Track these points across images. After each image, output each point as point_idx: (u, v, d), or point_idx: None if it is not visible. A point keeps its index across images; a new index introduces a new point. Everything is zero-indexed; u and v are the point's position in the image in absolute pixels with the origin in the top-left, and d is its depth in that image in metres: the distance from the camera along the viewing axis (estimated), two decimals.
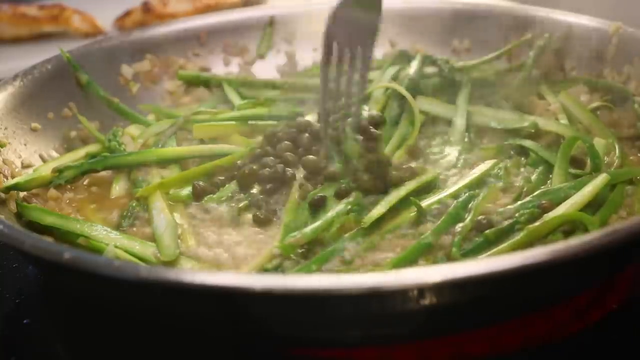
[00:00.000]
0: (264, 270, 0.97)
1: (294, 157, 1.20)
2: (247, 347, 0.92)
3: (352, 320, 0.81)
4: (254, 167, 1.17)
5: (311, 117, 1.33)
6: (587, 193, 1.04)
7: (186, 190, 1.15)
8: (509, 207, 1.05)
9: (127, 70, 1.48)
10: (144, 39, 1.53)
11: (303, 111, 1.36)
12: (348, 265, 0.97)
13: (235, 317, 0.83)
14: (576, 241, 0.80)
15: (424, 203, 1.06)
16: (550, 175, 1.12)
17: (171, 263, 1.01)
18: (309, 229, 1.01)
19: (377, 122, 1.26)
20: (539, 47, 1.42)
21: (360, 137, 1.22)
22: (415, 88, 1.36)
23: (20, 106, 1.27)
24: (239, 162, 1.21)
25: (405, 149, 1.24)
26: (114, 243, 1.02)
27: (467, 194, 1.07)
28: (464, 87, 1.37)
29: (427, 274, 0.77)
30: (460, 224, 1.02)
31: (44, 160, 1.25)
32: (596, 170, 1.11)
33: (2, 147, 1.18)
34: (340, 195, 1.09)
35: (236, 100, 1.43)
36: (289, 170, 1.16)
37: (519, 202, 1.05)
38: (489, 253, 0.97)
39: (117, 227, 1.10)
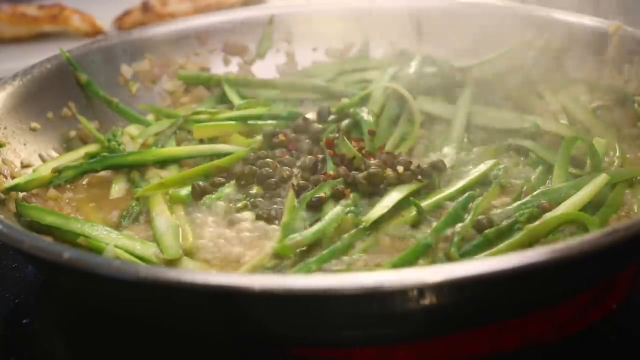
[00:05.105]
0: (263, 269, 0.97)
1: (292, 157, 1.20)
2: (246, 347, 0.92)
3: (352, 320, 0.81)
4: (253, 167, 1.17)
5: (310, 117, 1.32)
6: (587, 193, 1.04)
7: (185, 190, 1.15)
8: (508, 207, 1.04)
9: (126, 70, 1.47)
10: (144, 39, 1.52)
11: (302, 111, 1.36)
12: (348, 265, 0.97)
13: (235, 317, 0.83)
14: (576, 241, 0.80)
15: (424, 203, 1.06)
16: (550, 175, 1.12)
17: (172, 263, 1.01)
18: (309, 231, 1.00)
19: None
20: (539, 47, 1.42)
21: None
22: (415, 88, 1.36)
23: (20, 106, 1.27)
24: (238, 162, 1.21)
25: (404, 149, 1.24)
26: (114, 243, 1.01)
27: (466, 194, 1.07)
28: (466, 87, 1.37)
29: (427, 274, 0.77)
30: (460, 224, 1.02)
31: (43, 160, 1.25)
32: (596, 170, 1.11)
33: (1, 147, 1.18)
34: (337, 197, 1.09)
35: (236, 100, 1.43)
36: (287, 170, 1.16)
37: (519, 202, 1.05)
38: (488, 253, 0.97)
39: (117, 227, 1.10)
